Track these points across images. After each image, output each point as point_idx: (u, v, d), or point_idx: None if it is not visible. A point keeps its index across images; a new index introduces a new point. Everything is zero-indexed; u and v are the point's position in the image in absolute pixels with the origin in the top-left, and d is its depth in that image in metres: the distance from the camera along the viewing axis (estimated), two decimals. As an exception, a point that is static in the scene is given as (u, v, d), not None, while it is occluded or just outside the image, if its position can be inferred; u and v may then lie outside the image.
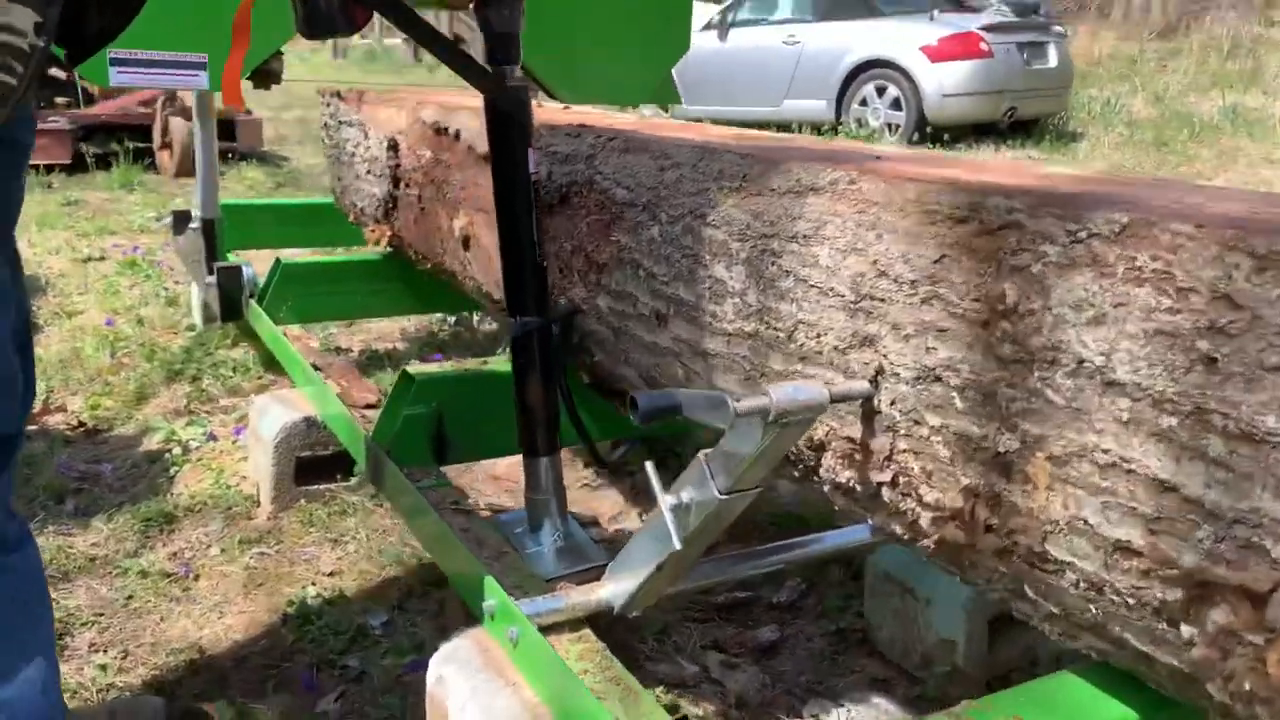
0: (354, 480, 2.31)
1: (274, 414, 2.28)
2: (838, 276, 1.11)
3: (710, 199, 1.31)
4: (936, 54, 8.90)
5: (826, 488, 1.22)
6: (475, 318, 3.71)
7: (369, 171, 2.54)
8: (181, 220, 3.34)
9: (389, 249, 2.77)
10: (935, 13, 9.46)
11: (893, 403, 1.05)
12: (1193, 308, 0.78)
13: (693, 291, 1.33)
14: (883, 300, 1.05)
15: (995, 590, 1.08)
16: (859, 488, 1.14)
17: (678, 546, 1.18)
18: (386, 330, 3.73)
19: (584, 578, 1.60)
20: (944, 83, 8.83)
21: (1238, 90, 11.92)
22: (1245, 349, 0.74)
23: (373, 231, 2.61)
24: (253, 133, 7.40)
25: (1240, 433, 0.74)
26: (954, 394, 0.97)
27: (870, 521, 1.20)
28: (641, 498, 2.47)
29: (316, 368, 2.33)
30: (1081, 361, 0.85)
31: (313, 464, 2.29)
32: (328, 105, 2.82)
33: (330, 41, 18.55)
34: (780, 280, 1.18)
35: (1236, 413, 0.74)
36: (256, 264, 3.04)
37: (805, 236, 1.16)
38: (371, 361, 3.31)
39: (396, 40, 19.69)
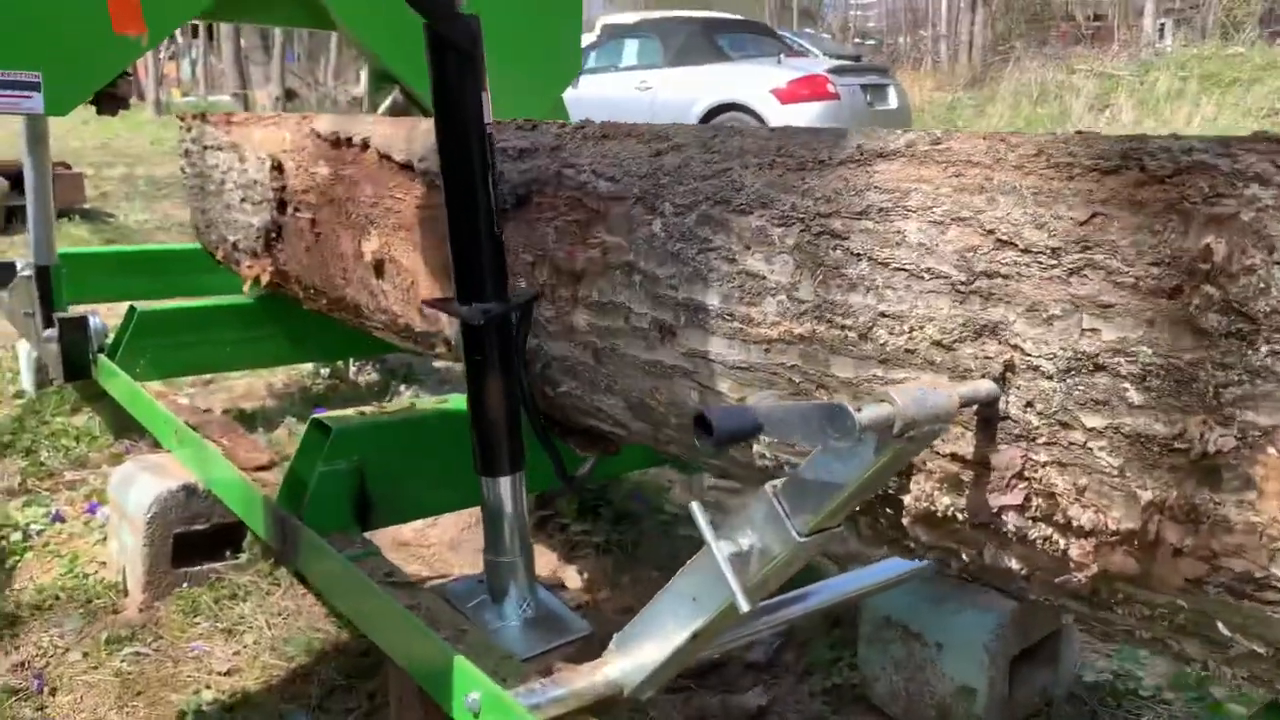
0: (244, 557, 1.95)
1: (143, 484, 1.90)
2: (936, 254, 0.90)
3: (734, 180, 1.09)
4: (786, 96, 9.06)
5: (907, 520, 1.00)
6: (352, 367, 3.36)
7: (245, 199, 2.20)
8: (6, 272, 2.88)
9: (263, 291, 2.42)
10: (782, 57, 9.67)
11: (1028, 405, 0.84)
12: None
13: (715, 293, 1.10)
14: (1008, 277, 0.85)
15: (1153, 630, 0.88)
16: (962, 516, 0.93)
17: (744, 605, 0.93)
18: (252, 387, 3.33)
19: (566, 655, 1.33)
20: (794, 124, 8.98)
21: (1051, 130, 12.76)
22: None
23: (250, 268, 2.26)
24: (73, 187, 6.75)
25: None
26: (1127, 385, 0.77)
27: (963, 558, 0.98)
28: (577, 552, 2.20)
29: (193, 426, 1.97)
30: (1337, 326, 0.67)
31: (193, 540, 1.92)
32: (189, 130, 2.47)
33: (151, 98, 17.54)
34: (848, 266, 0.97)
35: None
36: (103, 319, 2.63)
37: (882, 210, 0.95)
38: (240, 423, 2.91)
39: (224, 95, 18.85)
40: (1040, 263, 0.83)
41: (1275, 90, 12.11)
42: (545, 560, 2.16)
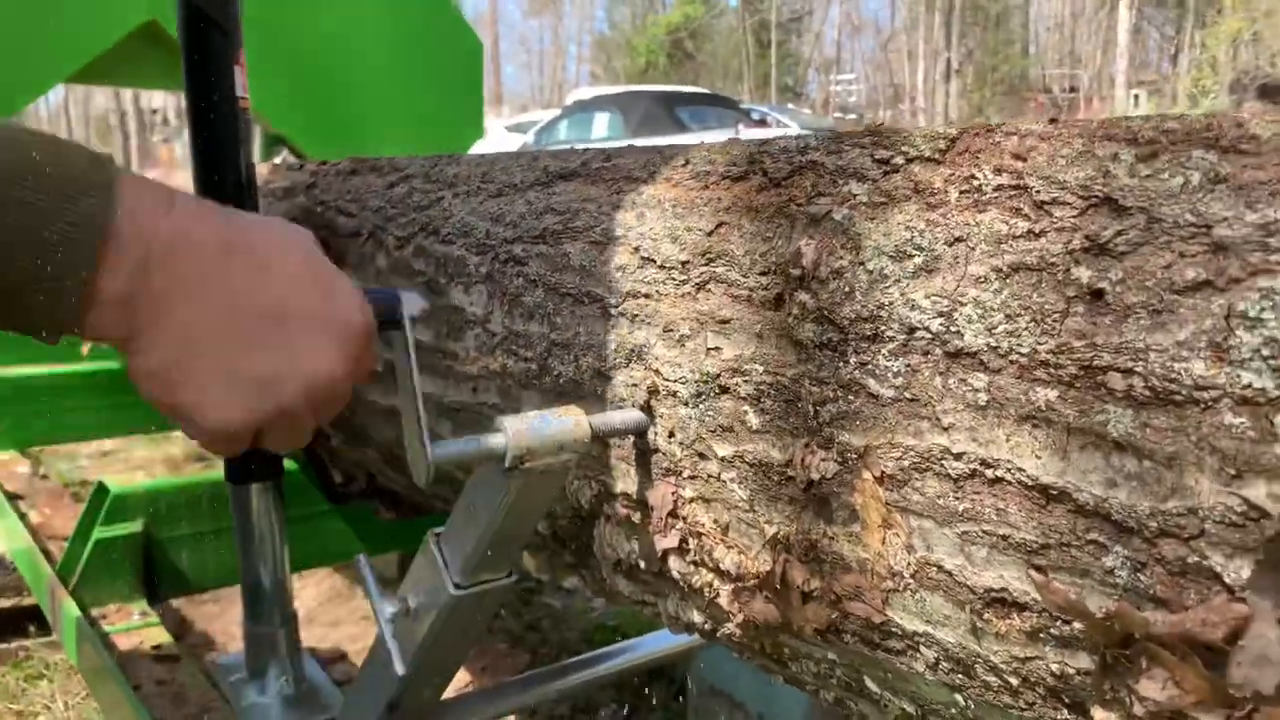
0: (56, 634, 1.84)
1: (-51, 557, 1.80)
2: (594, 276, 0.83)
3: (445, 209, 1.03)
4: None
5: (605, 571, 0.91)
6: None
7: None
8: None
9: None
10: (740, 127, 9.78)
11: (671, 434, 0.76)
12: (1060, 225, 0.54)
13: (428, 329, 1.03)
14: (649, 296, 0.77)
15: (830, 690, 0.79)
16: (643, 564, 0.84)
17: (400, 671, 0.84)
18: (150, 457, 3.24)
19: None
20: None
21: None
22: (1143, 268, 0.50)
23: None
24: None
25: (1153, 392, 0.49)
26: (746, 407, 0.70)
27: (658, 610, 0.90)
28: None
29: (17, 496, 1.88)
30: (913, 330, 0.59)
31: (4, 616, 1.82)
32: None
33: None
34: (526, 294, 0.90)
35: (1144, 363, 0.49)
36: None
37: (555, 234, 0.88)
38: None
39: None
40: (674, 279, 0.75)
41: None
42: (365, 615, 2.06)
